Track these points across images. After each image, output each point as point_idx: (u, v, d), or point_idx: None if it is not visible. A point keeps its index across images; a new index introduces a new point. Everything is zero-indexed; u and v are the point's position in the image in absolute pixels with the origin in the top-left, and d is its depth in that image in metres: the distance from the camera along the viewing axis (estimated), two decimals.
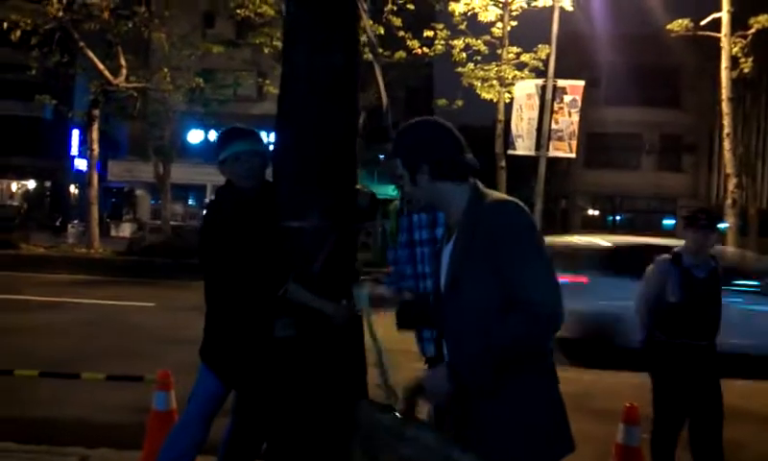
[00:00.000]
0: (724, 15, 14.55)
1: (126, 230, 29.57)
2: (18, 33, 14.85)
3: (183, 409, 2.91)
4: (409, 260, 2.80)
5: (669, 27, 15.75)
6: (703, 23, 15.33)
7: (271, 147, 2.90)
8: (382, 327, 2.14)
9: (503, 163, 16.08)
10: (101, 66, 16.13)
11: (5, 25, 14.65)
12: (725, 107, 14.73)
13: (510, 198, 1.92)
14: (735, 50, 15.01)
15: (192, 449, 2.81)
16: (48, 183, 39.11)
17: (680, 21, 15.52)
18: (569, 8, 15.27)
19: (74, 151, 37.44)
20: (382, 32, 14.88)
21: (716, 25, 14.96)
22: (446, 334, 1.95)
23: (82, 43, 16.02)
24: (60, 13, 14.72)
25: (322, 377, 2.61)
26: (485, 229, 1.83)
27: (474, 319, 1.84)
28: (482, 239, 1.83)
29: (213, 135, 27.30)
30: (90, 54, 16.03)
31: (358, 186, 2.86)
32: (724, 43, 14.61)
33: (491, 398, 1.82)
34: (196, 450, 2.82)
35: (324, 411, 2.64)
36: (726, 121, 14.75)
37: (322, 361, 2.67)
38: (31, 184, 39.98)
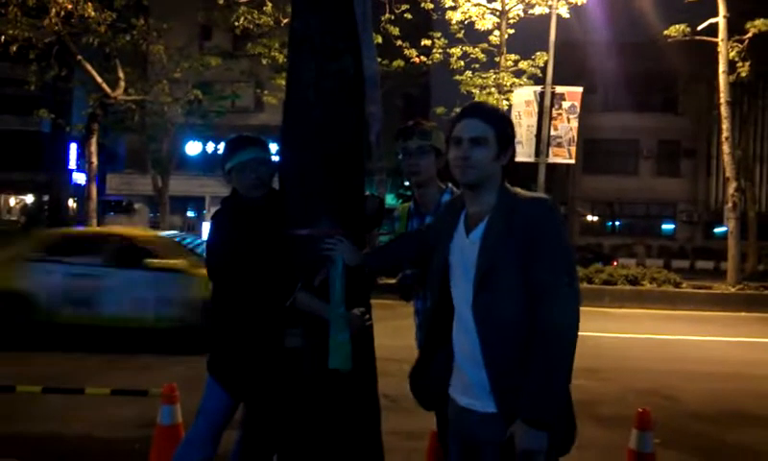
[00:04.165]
0: (720, 20, 14.59)
1: None
2: (15, 47, 14.81)
3: (190, 424, 2.86)
4: None
5: (666, 32, 15.79)
6: (699, 28, 15.38)
7: (275, 156, 2.87)
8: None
9: None
10: (99, 79, 16.09)
11: (2, 39, 14.62)
12: (723, 110, 14.74)
13: (543, 195, 1.96)
14: (732, 54, 15.05)
15: None
16: (46, 198, 39.06)
17: (677, 26, 15.55)
18: (566, 15, 15.34)
19: (72, 164, 37.42)
20: (380, 41, 14.87)
21: (713, 30, 15.00)
22: (482, 332, 1.90)
23: (80, 57, 15.99)
24: (59, 27, 14.64)
25: (331, 388, 2.56)
26: (522, 222, 1.86)
27: (508, 317, 1.86)
28: (518, 232, 1.85)
29: (211, 147, 27.34)
30: (89, 67, 15.99)
31: (366, 193, 2.83)
32: (721, 48, 14.65)
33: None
34: None
35: (334, 422, 2.60)
36: (724, 125, 14.76)
37: (331, 371, 2.62)
38: (29, 199, 39.95)
